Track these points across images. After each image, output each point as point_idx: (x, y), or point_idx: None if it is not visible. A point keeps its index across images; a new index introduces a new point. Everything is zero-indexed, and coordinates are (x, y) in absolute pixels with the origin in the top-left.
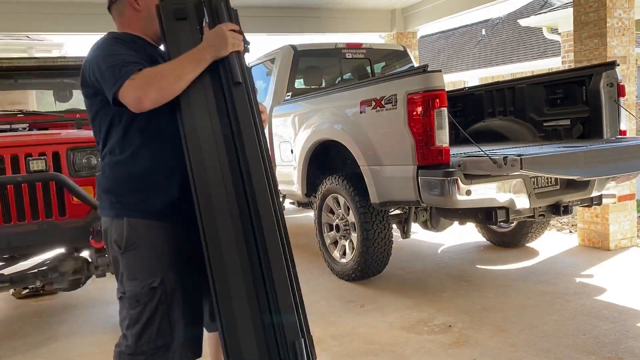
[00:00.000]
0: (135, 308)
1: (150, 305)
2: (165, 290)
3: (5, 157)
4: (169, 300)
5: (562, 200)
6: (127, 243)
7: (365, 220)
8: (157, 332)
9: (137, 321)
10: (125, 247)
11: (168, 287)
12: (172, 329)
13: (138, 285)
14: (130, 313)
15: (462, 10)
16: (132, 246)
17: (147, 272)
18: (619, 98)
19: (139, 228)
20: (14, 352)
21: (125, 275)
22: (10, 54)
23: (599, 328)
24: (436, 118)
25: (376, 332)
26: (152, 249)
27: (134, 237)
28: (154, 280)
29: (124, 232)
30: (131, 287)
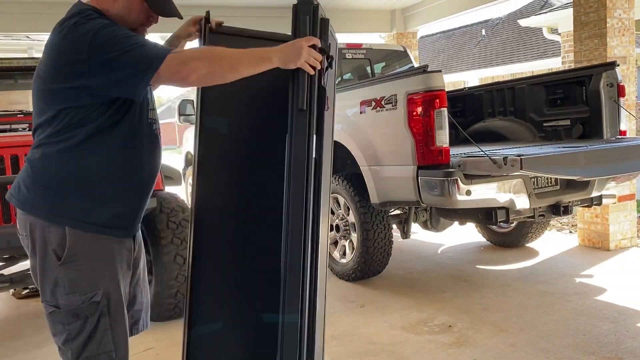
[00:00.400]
0: (74, 323)
1: (91, 320)
2: (107, 303)
3: (5, 157)
4: (111, 312)
5: (562, 200)
6: (68, 254)
7: (365, 221)
8: (98, 347)
9: (77, 336)
10: (65, 258)
11: (111, 299)
12: (116, 342)
13: (77, 300)
14: (68, 328)
15: (462, 10)
16: (73, 257)
17: (88, 284)
18: (619, 98)
19: (83, 239)
20: (14, 352)
21: (62, 287)
22: (10, 54)
23: (599, 328)
24: (436, 118)
25: (376, 332)
26: (95, 261)
27: (76, 249)
28: (96, 294)
29: (66, 242)
30: (68, 300)
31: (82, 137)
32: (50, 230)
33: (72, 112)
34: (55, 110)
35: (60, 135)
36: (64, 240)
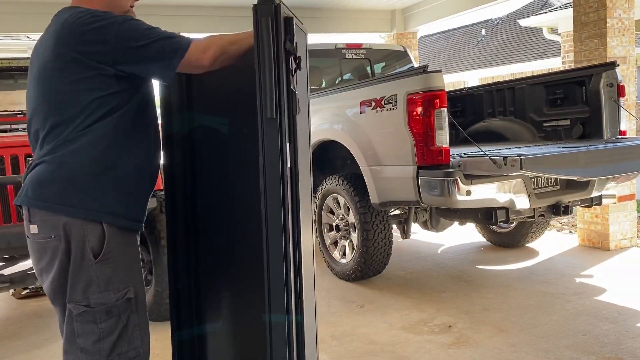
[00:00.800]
0: (107, 321)
1: (124, 317)
2: (137, 299)
3: (5, 157)
4: (139, 309)
5: (562, 200)
6: (105, 251)
7: (365, 221)
8: (129, 343)
9: (109, 334)
10: (102, 256)
11: (139, 296)
12: (143, 338)
13: (112, 297)
14: (101, 327)
15: (462, 10)
16: (110, 254)
17: (121, 282)
18: (619, 98)
19: (117, 236)
20: (14, 352)
21: (96, 286)
22: (10, 54)
23: (599, 328)
24: (436, 118)
25: (376, 332)
26: (127, 258)
27: (112, 245)
28: (128, 291)
29: (105, 239)
30: (102, 299)
31: (110, 130)
32: (88, 228)
33: (99, 104)
34: (83, 103)
35: (89, 129)
36: (102, 237)
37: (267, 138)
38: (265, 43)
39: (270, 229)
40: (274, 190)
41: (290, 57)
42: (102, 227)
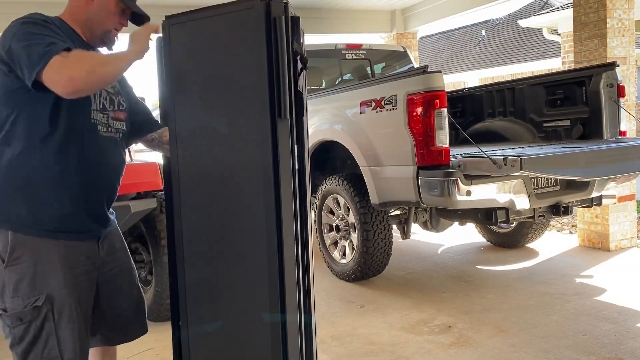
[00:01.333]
0: (18, 327)
1: (35, 324)
2: (52, 307)
3: None
4: (56, 318)
5: (562, 200)
6: (10, 257)
7: (365, 221)
8: (42, 352)
9: (21, 339)
10: (8, 261)
11: (56, 304)
12: (62, 348)
13: (20, 304)
14: (13, 331)
15: (462, 10)
16: (16, 261)
17: (30, 289)
18: (619, 99)
19: (26, 243)
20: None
21: (7, 291)
22: None
23: (599, 328)
24: (436, 119)
25: (376, 332)
26: (39, 265)
27: (18, 252)
28: (38, 298)
29: (8, 244)
30: (13, 304)
31: (18, 141)
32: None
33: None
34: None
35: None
36: (6, 244)
37: (281, 139)
38: (280, 43)
39: (285, 230)
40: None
41: (297, 57)
42: (8, 234)
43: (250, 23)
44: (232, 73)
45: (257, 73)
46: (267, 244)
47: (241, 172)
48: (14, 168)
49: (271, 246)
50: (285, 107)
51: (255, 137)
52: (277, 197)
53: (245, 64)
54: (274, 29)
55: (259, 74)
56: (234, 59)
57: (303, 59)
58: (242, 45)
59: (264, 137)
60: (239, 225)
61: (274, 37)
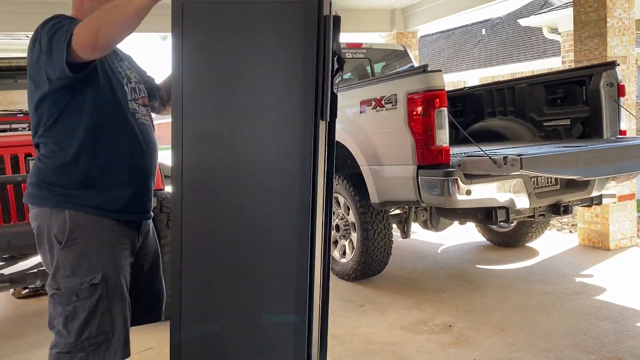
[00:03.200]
0: (72, 303)
1: (90, 301)
2: (106, 286)
3: (5, 157)
4: (110, 295)
5: (562, 200)
6: (68, 238)
7: (365, 220)
8: (97, 327)
9: (75, 317)
10: (65, 241)
11: (110, 283)
12: (114, 324)
13: (78, 282)
14: (67, 309)
15: (462, 9)
16: (73, 241)
17: (87, 268)
18: (619, 98)
19: (81, 221)
20: (14, 352)
21: (63, 270)
22: (10, 54)
23: (599, 328)
24: (436, 118)
25: (376, 332)
26: (94, 244)
27: (75, 232)
28: (95, 277)
29: (67, 225)
30: (68, 283)
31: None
32: (52, 217)
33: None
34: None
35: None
36: (64, 225)
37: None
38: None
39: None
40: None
41: (334, 57)
42: (65, 215)
43: (299, 18)
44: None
45: (304, 72)
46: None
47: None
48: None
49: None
50: (326, 108)
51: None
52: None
53: (288, 62)
54: (324, 28)
55: (305, 73)
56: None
57: (340, 59)
58: (285, 41)
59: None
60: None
61: (322, 36)
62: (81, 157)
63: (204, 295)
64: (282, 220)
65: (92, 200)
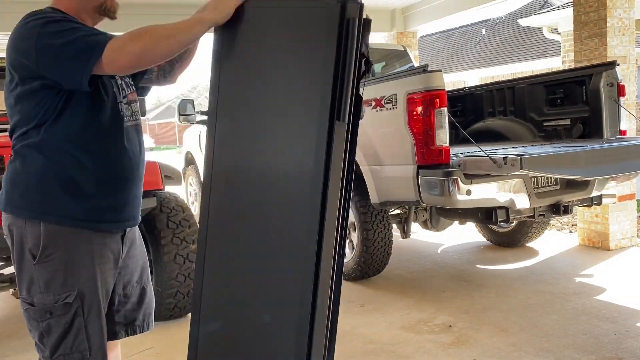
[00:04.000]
0: (47, 320)
1: (65, 319)
2: (82, 304)
3: (5, 157)
4: (85, 313)
5: (562, 200)
6: (42, 253)
7: (365, 220)
8: (72, 346)
9: (49, 333)
10: (39, 258)
11: (86, 300)
12: (90, 342)
13: (51, 299)
14: (41, 325)
15: (462, 9)
16: (48, 257)
17: (62, 285)
18: (619, 98)
19: (59, 237)
20: (14, 352)
21: (37, 286)
22: None
23: (599, 328)
24: (436, 118)
25: (376, 332)
26: (71, 261)
27: (51, 248)
28: (69, 295)
29: (41, 239)
30: (42, 299)
31: (50, 135)
32: (27, 229)
33: (35, 109)
34: (24, 108)
35: (30, 134)
36: (39, 239)
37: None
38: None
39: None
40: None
41: (363, 59)
42: (40, 227)
43: (322, 22)
44: (292, 70)
45: (323, 74)
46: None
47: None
48: (51, 164)
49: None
50: (345, 110)
51: (310, 139)
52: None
53: (309, 63)
54: (346, 32)
55: (324, 76)
56: (296, 56)
57: (368, 62)
58: (308, 44)
59: (320, 139)
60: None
61: (344, 40)
62: (62, 163)
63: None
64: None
65: (71, 210)
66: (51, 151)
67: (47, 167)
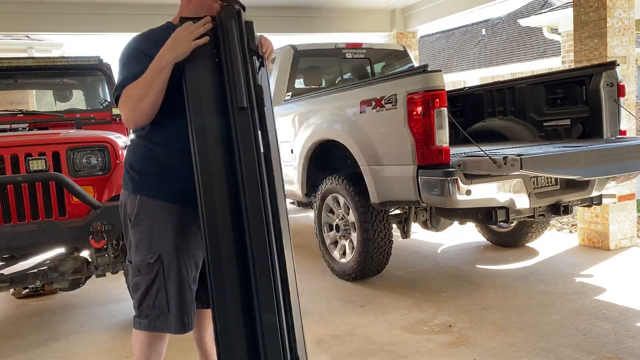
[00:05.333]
0: (136, 276)
1: (148, 277)
2: (162, 267)
3: (5, 157)
4: (165, 276)
5: (562, 200)
6: (135, 219)
7: (365, 220)
8: (154, 301)
9: (137, 288)
10: (133, 222)
11: (165, 265)
12: (168, 301)
13: (139, 259)
14: (132, 279)
15: (462, 10)
16: (140, 223)
17: (146, 248)
18: (619, 98)
19: (149, 207)
20: (14, 352)
21: (132, 246)
22: (10, 54)
23: (599, 328)
24: (436, 118)
25: (376, 332)
26: (155, 228)
27: (142, 215)
28: (151, 257)
29: (135, 208)
30: (134, 258)
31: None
32: (129, 199)
33: None
34: None
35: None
36: (134, 207)
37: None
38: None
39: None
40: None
41: (254, 55)
42: (137, 199)
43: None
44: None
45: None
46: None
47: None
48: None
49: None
50: (242, 97)
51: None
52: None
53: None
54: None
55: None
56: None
57: (259, 57)
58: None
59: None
60: None
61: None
62: (156, 154)
63: None
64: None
65: (163, 188)
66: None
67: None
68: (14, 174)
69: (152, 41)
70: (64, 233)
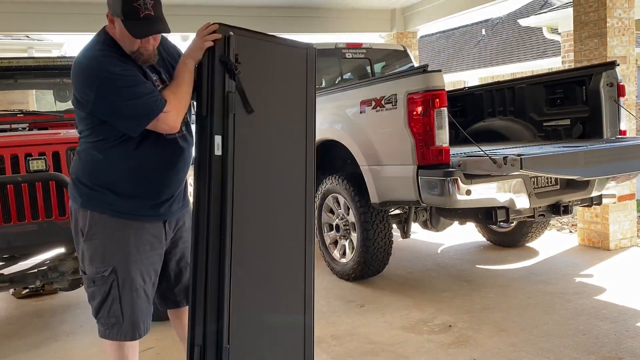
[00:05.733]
0: (91, 287)
1: (103, 289)
2: (116, 278)
3: (5, 157)
4: (120, 287)
5: (562, 200)
6: (88, 233)
7: (365, 220)
8: (109, 311)
9: (93, 298)
10: (86, 236)
11: (120, 276)
12: (122, 311)
13: (93, 271)
14: (88, 290)
15: (462, 10)
16: (92, 237)
17: (100, 261)
18: (619, 98)
19: (100, 223)
20: (14, 352)
21: (85, 258)
22: (10, 54)
23: (599, 328)
24: (436, 118)
25: (376, 332)
26: (109, 243)
27: (94, 229)
28: (106, 269)
29: (87, 223)
30: (87, 270)
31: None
32: (80, 214)
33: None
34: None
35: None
36: (86, 222)
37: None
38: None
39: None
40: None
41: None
42: (88, 214)
43: None
44: None
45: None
46: None
47: None
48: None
49: None
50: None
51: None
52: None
53: None
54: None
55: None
56: None
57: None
58: None
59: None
60: None
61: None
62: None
63: None
64: None
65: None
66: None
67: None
68: (14, 174)
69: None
70: (64, 233)
